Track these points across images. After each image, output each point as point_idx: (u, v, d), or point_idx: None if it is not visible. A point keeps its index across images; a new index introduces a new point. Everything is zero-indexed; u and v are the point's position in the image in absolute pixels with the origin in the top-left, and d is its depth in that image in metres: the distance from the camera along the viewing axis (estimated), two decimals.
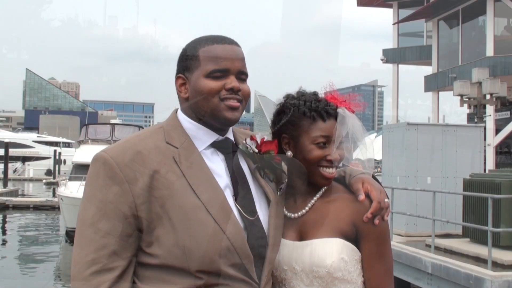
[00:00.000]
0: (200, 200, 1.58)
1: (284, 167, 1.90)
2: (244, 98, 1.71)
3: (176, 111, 1.79)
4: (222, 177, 1.68)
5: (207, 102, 1.66)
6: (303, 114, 1.84)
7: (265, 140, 1.85)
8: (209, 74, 1.66)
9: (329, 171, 1.82)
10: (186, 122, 1.73)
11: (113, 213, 1.55)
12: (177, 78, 1.74)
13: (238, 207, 1.66)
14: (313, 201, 1.86)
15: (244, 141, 1.83)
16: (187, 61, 1.71)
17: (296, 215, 1.86)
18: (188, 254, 1.54)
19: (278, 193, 1.83)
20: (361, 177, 1.87)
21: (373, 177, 1.90)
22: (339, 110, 1.84)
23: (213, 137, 1.72)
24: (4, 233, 21.03)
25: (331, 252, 1.75)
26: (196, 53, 1.69)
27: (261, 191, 1.78)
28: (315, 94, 1.90)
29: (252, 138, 1.85)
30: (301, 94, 1.90)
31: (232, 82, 1.66)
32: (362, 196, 1.79)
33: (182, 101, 1.75)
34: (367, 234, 1.79)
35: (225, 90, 1.66)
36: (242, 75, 1.71)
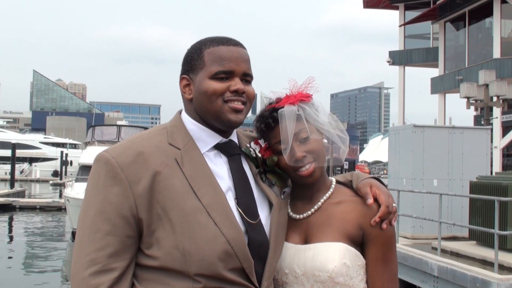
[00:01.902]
0: (201, 202, 1.57)
1: None
2: (249, 100, 1.69)
3: (180, 112, 1.77)
4: (224, 179, 1.66)
5: (211, 103, 1.64)
6: (257, 129, 1.87)
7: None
8: (213, 76, 1.64)
9: (303, 170, 1.80)
10: (190, 123, 1.71)
11: (114, 214, 1.54)
12: (181, 79, 1.72)
13: (240, 210, 1.63)
14: (319, 203, 1.85)
15: (248, 144, 1.81)
16: (192, 62, 1.69)
17: (301, 216, 1.85)
18: (188, 257, 1.53)
19: (282, 196, 1.81)
20: (369, 181, 1.85)
21: (378, 179, 1.88)
22: (279, 111, 1.81)
23: (216, 139, 1.71)
24: (10, 233, 21.09)
25: (333, 256, 1.73)
26: (201, 54, 1.68)
27: (263, 195, 1.76)
28: (268, 103, 1.90)
29: (256, 142, 1.83)
30: (262, 109, 1.91)
31: (236, 84, 1.65)
32: (370, 200, 1.78)
33: (186, 102, 1.73)
34: (374, 238, 1.78)
35: (230, 92, 1.64)
36: (247, 77, 1.69)
